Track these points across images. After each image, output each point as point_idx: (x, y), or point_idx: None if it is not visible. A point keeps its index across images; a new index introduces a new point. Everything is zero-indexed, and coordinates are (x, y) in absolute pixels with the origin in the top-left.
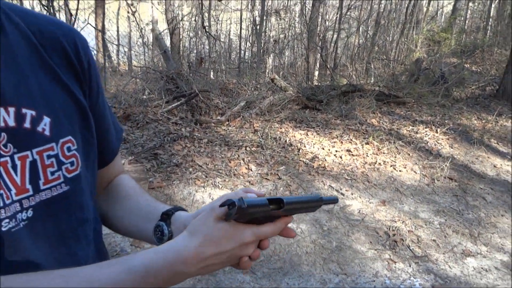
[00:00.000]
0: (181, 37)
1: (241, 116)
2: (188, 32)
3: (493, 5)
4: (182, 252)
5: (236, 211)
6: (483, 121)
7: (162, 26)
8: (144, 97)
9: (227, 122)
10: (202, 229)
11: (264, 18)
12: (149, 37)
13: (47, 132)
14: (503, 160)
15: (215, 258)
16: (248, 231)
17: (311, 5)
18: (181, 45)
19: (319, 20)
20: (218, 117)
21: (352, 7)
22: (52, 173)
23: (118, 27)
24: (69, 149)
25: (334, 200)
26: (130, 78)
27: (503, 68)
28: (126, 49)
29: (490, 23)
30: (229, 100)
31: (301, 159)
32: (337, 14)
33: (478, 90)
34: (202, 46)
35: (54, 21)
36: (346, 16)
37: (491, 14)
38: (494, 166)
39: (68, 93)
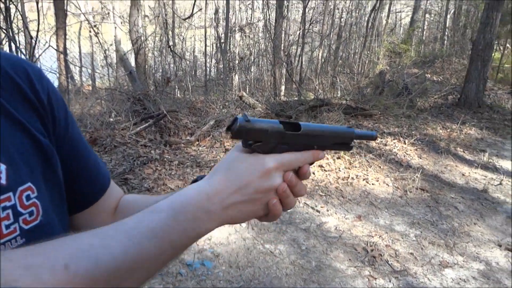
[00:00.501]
0: (146, 56)
1: (211, 135)
2: (153, 52)
3: (448, 16)
4: (204, 188)
5: (239, 126)
6: (448, 130)
7: (126, 46)
8: (111, 119)
9: (197, 142)
10: (224, 165)
11: (229, 35)
12: (112, 57)
13: (3, 181)
14: (471, 168)
15: (240, 194)
16: (269, 158)
17: (274, 20)
18: (146, 65)
19: (283, 35)
20: (188, 137)
21: (314, 22)
22: (7, 227)
23: (80, 48)
24: (28, 198)
25: (370, 136)
26: (95, 100)
27: (463, 77)
28: (90, 70)
29: (446, 33)
30: (198, 119)
31: None
32: (300, 29)
33: (440, 99)
34: (168, 65)
35: (1, 56)
36: (309, 30)
37: (447, 25)
38: (463, 175)
39: (25, 133)
